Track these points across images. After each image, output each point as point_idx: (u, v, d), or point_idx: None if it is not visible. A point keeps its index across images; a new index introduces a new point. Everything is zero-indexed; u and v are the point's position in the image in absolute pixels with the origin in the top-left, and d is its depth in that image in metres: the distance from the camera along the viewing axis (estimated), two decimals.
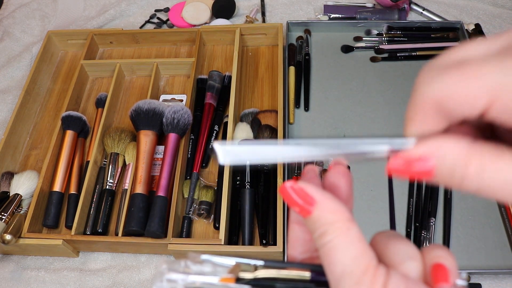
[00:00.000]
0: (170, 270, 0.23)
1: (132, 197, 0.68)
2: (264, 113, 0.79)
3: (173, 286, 0.23)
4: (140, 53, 0.93)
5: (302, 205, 0.22)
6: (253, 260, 0.23)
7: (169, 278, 0.23)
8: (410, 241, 0.23)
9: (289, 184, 0.22)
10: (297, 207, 0.22)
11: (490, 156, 0.19)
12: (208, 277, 0.23)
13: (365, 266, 0.20)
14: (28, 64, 0.93)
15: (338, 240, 0.21)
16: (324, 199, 0.22)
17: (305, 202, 0.22)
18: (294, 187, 0.22)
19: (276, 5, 1.00)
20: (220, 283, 0.23)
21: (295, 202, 0.22)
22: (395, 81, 0.85)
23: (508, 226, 0.67)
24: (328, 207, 0.22)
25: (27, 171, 0.74)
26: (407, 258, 0.22)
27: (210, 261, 0.23)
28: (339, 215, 0.21)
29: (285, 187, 0.22)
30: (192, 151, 0.76)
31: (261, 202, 0.69)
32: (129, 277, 0.67)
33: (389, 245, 0.22)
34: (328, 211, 0.22)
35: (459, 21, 0.90)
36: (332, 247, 0.21)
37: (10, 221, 0.67)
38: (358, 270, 0.20)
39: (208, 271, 0.23)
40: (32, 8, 1.03)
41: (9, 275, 0.68)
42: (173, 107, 0.73)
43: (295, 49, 0.89)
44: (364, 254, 0.21)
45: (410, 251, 0.22)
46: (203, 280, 0.23)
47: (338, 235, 0.21)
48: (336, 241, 0.21)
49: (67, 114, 0.78)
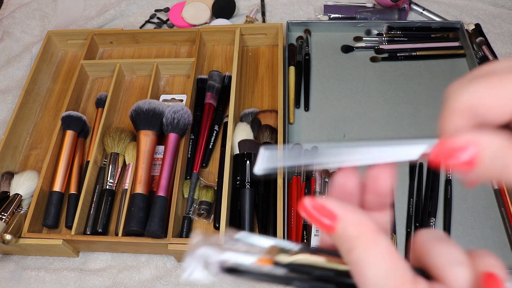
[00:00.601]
0: (204, 245, 0.21)
1: (132, 197, 0.68)
2: (264, 113, 0.79)
3: (205, 262, 0.21)
4: (140, 53, 0.93)
5: (324, 222, 0.21)
6: (289, 244, 0.22)
7: (202, 254, 0.21)
8: (457, 244, 0.21)
9: (308, 202, 0.21)
10: (320, 225, 0.21)
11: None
12: (245, 256, 0.21)
13: (400, 281, 0.19)
14: (28, 64, 0.93)
15: (367, 255, 0.20)
16: (346, 213, 0.21)
17: (328, 218, 0.21)
18: (314, 204, 0.21)
19: (276, 5, 1.00)
20: (256, 263, 0.21)
21: (317, 220, 0.21)
22: (395, 81, 0.85)
23: (508, 226, 0.67)
24: (351, 221, 0.20)
25: (27, 171, 0.74)
26: (456, 264, 0.20)
27: (244, 240, 0.22)
28: (364, 228, 0.20)
29: (305, 206, 0.21)
30: (192, 151, 0.76)
31: (261, 202, 0.69)
32: (129, 277, 0.67)
33: (435, 248, 0.21)
34: (351, 224, 0.20)
35: (459, 21, 0.90)
36: (361, 263, 0.20)
37: (10, 221, 0.67)
38: (393, 286, 0.19)
39: (243, 249, 0.22)
40: (32, 8, 1.03)
41: (9, 275, 0.68)
42: (173, 107, 0.73)
43: (295, 49, 0.89)
44: (397, 268, 0.19)
45: (459, 256, 0.21)
46: (239, 259, 0.21)
47: (366, 250, 0.20)
48: (365, 256, 0.19)
49: (67, 114, 0.78)
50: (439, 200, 0.71)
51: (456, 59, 0.88)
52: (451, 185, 0.72)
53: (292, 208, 0.70)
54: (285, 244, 0.22)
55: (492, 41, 0.90)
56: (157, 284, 0.66)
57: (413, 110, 0.81)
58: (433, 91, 0.83)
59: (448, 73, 0.86)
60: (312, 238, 0.67)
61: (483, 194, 0.72)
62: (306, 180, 0.73)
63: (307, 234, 0.67)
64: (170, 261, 0.69)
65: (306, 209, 0.21)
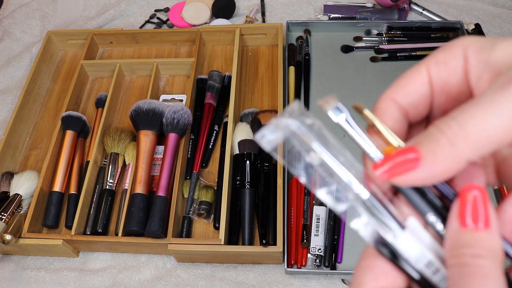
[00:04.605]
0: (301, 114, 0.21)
1: (132, 197, 0.68)
2: (264, 113, 0.79)
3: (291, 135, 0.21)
4: (140, 53, 0.93)
5: (471, 216, 0.20)
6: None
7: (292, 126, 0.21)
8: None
9: (475, 192, 0.21)
10: (465, 215, 0.20)
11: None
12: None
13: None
14: (28, 64, 0.93)
15: (494, 269, 0.19)
16: (498, 231, 0.20)
17: (480, 217, 0.20)
18: (479, 197, 0.20)
19: (276, 5, 1.00)
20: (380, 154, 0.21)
21: (467, 208, 0.20)
22: None
23: None
24: (498, 240, 0.20)
25: (27, 171, 0.74)
26: None
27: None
28: (501, 253, 0.20)
29: (470, 191, 0.21)
30: (192, 151, 0.76)
31: (261, 202, 0.69)
32: (129, 277, 0.67)
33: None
34: (496, 242, 0.20)
35: (459, 21, 0.90)
36: (482, 273, 0.19)
37: (10, 221, 0.67)
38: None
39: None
40: (32, 8, 1.03)
41: (9, 275, 0.68)
42: (173, 107, 0.73)
43: (295, 49, 0.89)
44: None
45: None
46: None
47: (495, 265, 0.19)
48: (491, 270, 0.19)
49: (67, 114, 0.78)
50: None
51: None
52: None
53: (292, 208, 0.70)
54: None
55: None
56: (157, 284, 0.66)
57: None
58: None
59: None
60: (312, 238, 0.67)
61: None
62: None
63: (307, 234, 0.67)
64: (170, 261, 0.69)
65: (466, 196, 0.21)
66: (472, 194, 0.20)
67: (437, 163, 0.20)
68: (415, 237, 0.21)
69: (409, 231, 0.21)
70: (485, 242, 0.20)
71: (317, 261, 0.65)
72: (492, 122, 0.19)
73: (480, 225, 0.20)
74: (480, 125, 0.19)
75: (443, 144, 0.19)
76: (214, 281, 0.66)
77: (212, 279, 0.66)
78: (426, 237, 0.21)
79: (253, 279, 0.66)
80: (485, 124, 0.19)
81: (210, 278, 0.66)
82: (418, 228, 0.21)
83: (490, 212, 0.20)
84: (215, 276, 0.66)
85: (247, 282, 0.66)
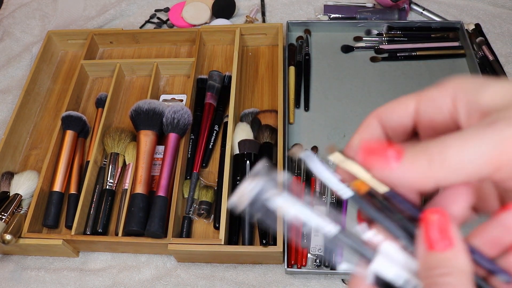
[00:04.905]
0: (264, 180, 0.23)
1: (132, 197, 0.68)
2: (264, 113, 0.79)
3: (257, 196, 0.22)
4: (140, 53, 0.93)
5: (436, 239, 0.22)
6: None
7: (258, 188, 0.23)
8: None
9: (436, 216, 0.22)
10: (430, 239, 0.22)
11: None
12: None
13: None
14: (28, 64, 0.93)
15: (462, 284, 0.21)
16: (463, 247, 0.22)
17: (443, 239, 0.22)
18: (439, 220, 0.22)
19: (276, 5, 1.00)
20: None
21: (431, 233, 0.22)
22: (395, 81, 0.85)
23: None
24: (464, 257, 0.22)
25: (27, 171, 0.74)
26: None
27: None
28: (469, 269, 0.21)
29: (430, 217, 0.22)
30: (192, 151, 0.76)
31: None
32: (129, 277, 0.67)
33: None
34: (462, 259, 0.22)
35: (459, 21, 0.90)
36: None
37: (10, 221, 0.67)
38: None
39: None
40: (32, 8, 1.03)
41: (9, 275, 0.68)
42: (173, 107, 0.73)
43: (295, 49, 0.89)
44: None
45: None
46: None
47: (463, 280, 0.21)
48: (459, 285, 0.21)
49: (67, 114, 0.78)
50: None
51: (456, 59, 0.88)
52: None
53: None
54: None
55: (492, 41, 0.90)
56: (157, 284, 0.66)
57: None
58: None
59: (448, 73, 0.86)
60: (312, 238, 0.67)
61: None
62: (306, 180, 0.73)
63: (307, 235, 0.67)
64: (170, 261, 0.69)
65: (428, 221, 0.22)
66: (433, 219, 0.22)
67: (412, 171, 0.21)
68: (390, 260, 0.23)
69: (383, 256, 0.23)
70: (451, 261, 0.21)
71: (317, 261, 0.65)
72: (470, 155, 0.20)
73: (444, 246, 0.22)
74: (458, 155, 0.20)
75: (423, 159, 0.21)
76: (214, 281, 0.66)
77: (212, 279, 0.66)
78: (402, 258, 0.23)
79: (253, 279, 0.66)
80: (463, 155, 0.20)
81: (210, 278, 0.66)
82: (393, 251, 0.23)
83: (453, 232, 0.22)
84: (215, 276, 0.66)
85: (247, 282, 0.66)
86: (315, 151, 0.76)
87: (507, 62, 0.87)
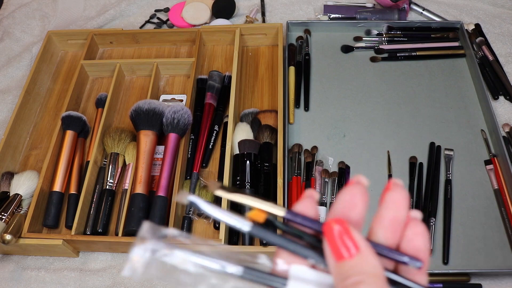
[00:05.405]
0: (153, 238, 0.21)
1: (132, 197, 0.68)
2: (264, 113, 0.79)
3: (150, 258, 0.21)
4: (140, 53, 0.93)
5: (342, 248, 0.22)
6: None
7: (149, 248, 0.21)
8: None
9: (336, 227, 0.22)
10: (336, 250, 0.22)
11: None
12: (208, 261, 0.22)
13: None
14: (28, 64, 0.93)
15: (375, 285, 0.21)
16: (369, 249, 0.22)
17: (348, 248, 0.22)
18: (341, 230, 0.22)
19: (276, 5, 1.00)
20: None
21: (337, 246, 0.22)
22: (395, 81, 0.85)
23: (508, 226, 0.67)
24: (372, 258, 0.22)
25: (27, 171, 0.74)
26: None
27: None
28: (379, 270, 0.22)
29: (331, 228, 0.22)
30: (192, 151, 0.76)
31: None
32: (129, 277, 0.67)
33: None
34: (370, 263, 0.22)
35: (459, 21, 0.90)
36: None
37: (10, 221, 0.67)
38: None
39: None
40: (32, 8, 1.03)
41: (9, 275, 0.68)
42: (173, 107, 0.73)
43: (295, 49, 0.89)
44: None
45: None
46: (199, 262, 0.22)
47: (375, 281, 0.21)
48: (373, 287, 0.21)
49: (67, 114, 0.78)
50: (439, 200, 0.71)
51: (456, 59, 0.88)
52: (451, 185, 0.72)
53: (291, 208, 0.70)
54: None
55: (492, 41, 0.90)
56: (157, 284, 0.66)
57: (413, 110, 0.81)
58: (433, 91, 0.83)
59: (448, 73, 0.86)
60: None
61: (483, 194, 0.72)
62: (306, 180, 0.73)
63: None
64: None
65: (330, 231, 0.22)
66: (335, 228, 0.22)
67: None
68: (303, 282, 0.23)
69: (294, 280, 0.23)
70: (361, 266, 0.22)
71: None
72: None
73: (351, 253, 0.22)
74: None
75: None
76: None
77: None
78: (314, 276, 0.23)
79: None
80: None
81: None
82: (304, 272, 0.23)
83: (356, 237, 0.22)
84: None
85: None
86: (315, 151, 0.76)
87: (507, 62, 0.87)
